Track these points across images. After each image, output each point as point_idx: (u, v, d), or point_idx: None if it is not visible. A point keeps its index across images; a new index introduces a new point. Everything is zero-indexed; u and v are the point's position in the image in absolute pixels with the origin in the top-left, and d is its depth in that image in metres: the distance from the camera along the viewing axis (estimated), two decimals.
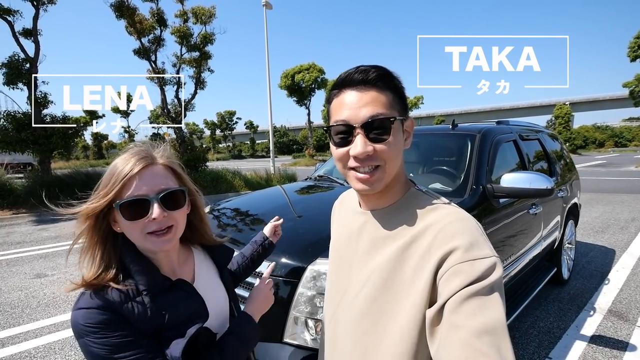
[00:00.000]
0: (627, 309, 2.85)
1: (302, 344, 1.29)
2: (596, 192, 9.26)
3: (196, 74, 11.89)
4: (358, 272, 0.65)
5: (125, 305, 0.63)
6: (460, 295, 0.48)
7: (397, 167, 0.62)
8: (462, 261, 0.50)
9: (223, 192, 10.45)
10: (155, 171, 0.67)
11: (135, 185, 0.64)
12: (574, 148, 36.08)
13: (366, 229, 0.67)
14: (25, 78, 8.62)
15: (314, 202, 2.34)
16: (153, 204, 0.64)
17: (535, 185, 1.88)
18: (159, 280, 0.68)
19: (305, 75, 27.34)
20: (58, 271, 4.06)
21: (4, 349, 2.47)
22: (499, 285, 0.50)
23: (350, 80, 0.61)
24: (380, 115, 0.58)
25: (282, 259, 1.43)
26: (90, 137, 42.65)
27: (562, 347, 2.32)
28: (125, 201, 0.63)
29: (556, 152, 3.58)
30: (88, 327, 0.60)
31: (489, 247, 0.53)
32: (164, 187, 0.67)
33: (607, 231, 5.26)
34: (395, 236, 0.61)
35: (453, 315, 0.47)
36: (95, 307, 0.61)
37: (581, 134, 41.64)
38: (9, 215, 7.39)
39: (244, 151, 57.20)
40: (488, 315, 0.46)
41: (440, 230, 0.56)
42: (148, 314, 0.65)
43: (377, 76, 0.60)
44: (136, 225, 0.64)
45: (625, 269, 3.73)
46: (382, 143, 0.58)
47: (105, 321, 0.61)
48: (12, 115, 8.60)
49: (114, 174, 0.65)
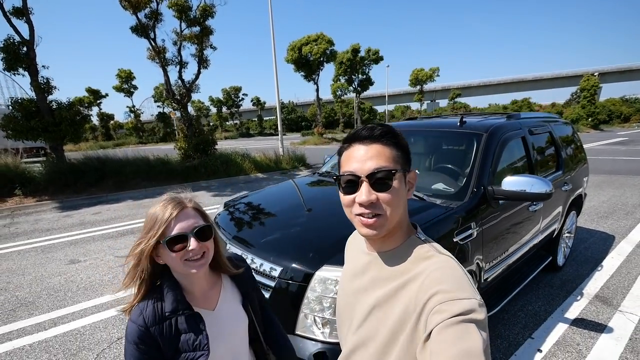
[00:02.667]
0: (613, 294, 3.10)
1: (311, 337, 1.52)
2: (610, 173, 9.22)
3: (198, 52, 11.71)
4: (361, 305, 0.76)
5: (155, 327, 0.87)
6: (440, 327, 0.54)
7: (399, 214, 0.70)
8: (443, 301, 0.57)
9: (234, 175, 10.86)
10: (187, 213, 0.89)
11: (175, 226, 0.86)
12: (597, 123, 34.73)
13: (370, 269, 0.77)
14: (25, 63, 8.71)
15: (322, 202, 2.46)
16: (190, 238, 0.86)
17: (535, 190, 1.99)
18: (182, 307, 0.89)
19: (314, 47, 26.38)
20: (89, 257, 4.52)
21: (56, 327, 2.90)
22: (479, 322, 0.54)
23: (358, 136, 0.72)
24: (383, 167, 0.67)
25: (293, 264, 1.63)
26: (97, 117, 43.22)
27: (545, 329, 2.62)
28: (169, 238, 0.85)
29: (567, 138, 3.57)
30: (129, 338, 0.87)
31: (473, 292, 0.59)
32: (196, 224, 0.89)
33: (611, 217, 5.40)
34: (393, 278, 0.70)
35: (432, 344, 0.54)
36: (136, 324, 0.87)
37: (607, 107, 39.79)
38: (33, 203, 7.88)
39: (252, 129, 57.12)
40: (466, 344, 0.51)
41: (427, 276, 0.63)
42: (169, 335, 0.88)
43: (381, 133, 0.70)
44: (178, 255, 0.86)
45: (621, 255, 3.93)
46: (385, 192, 0.67)
47: (140, 336, 0.86)
48: (19, 103, 8.79)
49: (157, 219, 0.86)
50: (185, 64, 11.64)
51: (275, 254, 1.75)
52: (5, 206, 7.57)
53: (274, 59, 13.26)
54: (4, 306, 3.30)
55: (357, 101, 35.13)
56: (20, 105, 8.78)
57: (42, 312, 3.17)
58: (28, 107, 8.82)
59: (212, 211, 6.68)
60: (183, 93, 11.63)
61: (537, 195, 2.01)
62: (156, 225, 0.85)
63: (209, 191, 9.09)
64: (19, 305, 3.31)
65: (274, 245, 1.84)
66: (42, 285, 3.74)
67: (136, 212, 6.96)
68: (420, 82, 39.00)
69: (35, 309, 3.22)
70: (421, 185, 2.45)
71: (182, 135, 11.67)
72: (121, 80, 39.99)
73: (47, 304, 3.32)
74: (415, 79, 39.09)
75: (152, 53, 11.15)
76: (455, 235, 1.90)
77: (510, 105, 44.65)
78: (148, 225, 0.87)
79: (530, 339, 2.52)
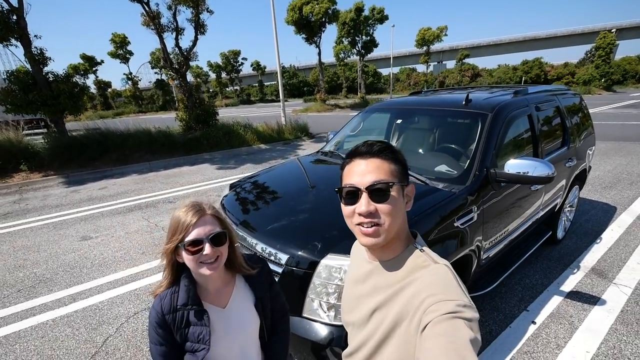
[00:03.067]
0: (609, 267, 3.17)
1: (317, 319, 1.60)
2: (618, 140, 9.01)
3: (194, 17, 11.21)
4: (362, 309, 0.83)
5: (169, 315, 1.00)
6: (432, 323, 0.61)
7: (397, 225, 0.75)
8: (435, 302, 0.64)
9: (236, 146, 10.79)
10: (205, 220, 0.98)
11: (193, 232, 0.95)
12: (610, 84, 33.46)
13: (371, 277, 0.83)
14: (17, 33, 8.38)
15: (327, 185, 2.46)
16: (205, 244, 0.95)
17: (537, 173, 2.01)
18: (192, 302, 1.00)
19: (315, 6, 24.96)
20: (100, 233, 4.63)
21: (75, 303, 3.05)
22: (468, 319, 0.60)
23: (358, 152, 0.79)
24: (382, 180, 0.73)
25: (299, 252, 1.70)
26: (94, 85, 42.23)
27: (540, 301, 2.72)
28: (187, 242, 0.95)
29: (573, 107, 3.49)
30: (150, 320, 1.02)
31: (462, 294, 0.65)
32: (212, 231, 0.97)
33: (615, 187, 5.36)
34: (392, 285, 0.77)
35: (425, 339, 0.61)
36: (155, 310, 1.01)
37: (622, 67, 38.12)
38: (39, 178, 7.94)
39: (253, 95, 55.77)
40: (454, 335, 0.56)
41: (422, 282, 0.70)
42: (180, 324, 1.01)
43: (380, 149, 0.77)
44: (194, 258, 0.96)
45: (621, 227, 3.95)
46: (383, 203, 0.73)
47: (157, 321, 1.00)
48: (15, 75, 8.58)
49: (179, 224, 0.96)
50: (181, 30, 11.17)
51: (282, 242, 1.81)
52: (13, 182, 7.67)
53: (274, 21, 12.62)
54: (24, 282, 3.46)
55: (360, 64, 33.85)
56: (17, 78, 8.58)
57: (60, 288, 3.32)
58: (24, 79, 8.61)
59: (218, 184, 6.82)
60: (181, 61, 11.27)
61: (539, 178, 2.02)
62: (178, 230, 0.96)
63: (212, 164, 9.09)
64: (37, 281, 3.47)
65: (280, 233, 1.89)
66: (58, 262, 3.88)
67: (142, 187, 7.03)
68: (427, 42, 37.30)
69: (54, 285, 3.38)
70: (424, 168, 2.45)
71: (182, 105, 11.47)
72: (116, 45, 38.43)
73: (65, 280, 3.47)
74: (422, 40, 37.37)
75: (146, 19, 10.68)
76: (456, 220, 1.93)
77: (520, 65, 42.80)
78: (172, 228, 0.97)
79: (526, 311, 2.63)
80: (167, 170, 8.55)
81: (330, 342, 1.54)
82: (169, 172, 8.34)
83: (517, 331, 2.42)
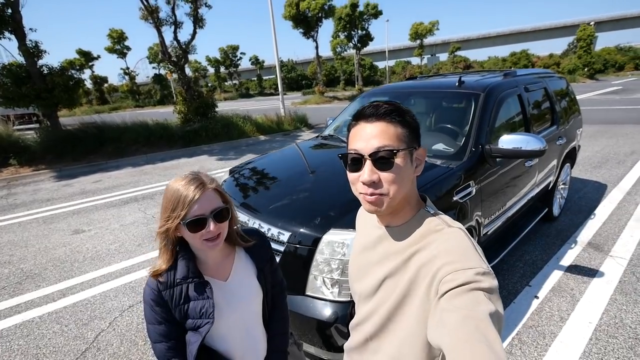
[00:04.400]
0: (604, 240, 3.11)
1: (321, 297, 1.51)
2: (604, 123, 8.96)
3: (193, 11, 10.85)
4: (372, 277, 0.75)
5: (167, 291, 0.90)
6: (449, 295, 0.55)
7: (403, 192, 0.68)
8: (451, 272, 0.57)
9: (235, 138, 10.46)
10: (208, 195, 0.86)
11: (196, 208, 0.84)
12: (593, 73, 33.29)
13: (381, 243, 0.76)
14: (11, 26, 7.92)
15: (327, 166, 2.39)
16: (209, 221, 0.85)
17: (530, 147, 1.99)
18: (192, 275, 0.90)
19: (311, 2, 24.55)
20: (94, 226, 4.30)
21: (65, 298, 2.77)
22: (487, 289, 0.54)
23: (364, 114, 0.69)
24: (386, 147, 0.64)
25: (301, 229, 1.60)
26: (90, 80, 40.82)
27: (542, 276, 2.63)
28: (190, 220, 0.84)
29: (561, 91, 3.51)
30: (145, 299, 0.91)
31: (479, 261, 0.59)
32: (215, 206, 0.87)
33: (604, 166, 5.32)
34: (402, 251, 0.69)
35: (441, 313, 0.55)
36: (150, 287, 0.90)
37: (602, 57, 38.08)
38: (30, 172, 7.46)
39: (252, 89, 54.82)
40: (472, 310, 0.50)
41: (437, 248, 0.63)
42: (179, 300, 0.90)
43: (386, 111, 0.67)
44: (197, 235, 0.85)
45: (612, 203, 3.91)
46: (387, 171, 0.65)
47: (153, 298, 0.90)
48: (7, 68, 8.09)
49: (179, 199, 0.83)
50: (180, 23, 10.81)
51: (283, 220, 1.71)
52: (0, 177, 7.14)
53: (272, 16, 12.21)
54: (9, 279, 3.15)
55: (357, 58, 33.27)
56: (9, 71, 8.08)
57: (49, 283, 3.03)
58: (17, 72, 8.13)
59: (218, 174, 6.56)
60: (179, 54, 10.91)
61: (532, 152, 2.01)
62: (179, 206, 0.84)
63: (211, 155, 8.76)
64: (24, 277, 3.16)
65: (281, 211, 1.80)
66: (47, 256, 3.56)
67: (138, 179, 6.67)
68: (420, 36, 36.87)
69: (42, 281, 3.08)
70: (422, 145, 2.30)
71: (180, 98, 11.11)
72: (113, 40, 37.17)
73: (54, 275, 3.17)
74: (415, 33, 36.95)
75: (144, 13, 10.30)
76: (455, 194, 1.88)
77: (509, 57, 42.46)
78: (171, 203, 0.85)
79: (528, 286, 2.53)
80: (164, 163, 8.17)
81: (335, 320, 1.44)
82: (167, 164, 7.96)
83: (521, 306, 2.33)
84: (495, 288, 0.55)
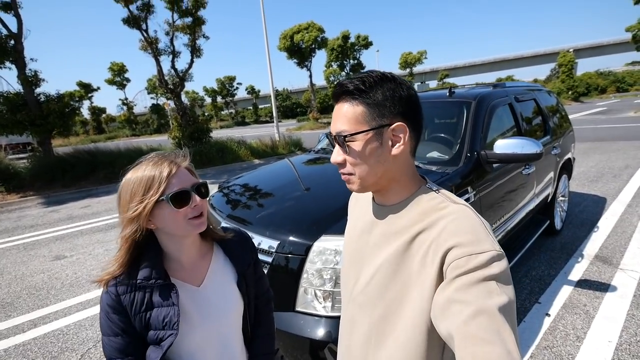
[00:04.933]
0: (612, 253, 2.98)
1: (312, 312, 1.37)
2: (594, 140, 9.12)
3: (191, 42, 11.26)
4: (369, 262, 0.69)
5: (126, 295, 0.76)
6: (459, 285, 0.51)
7: (372, 173, 0.64)
8: (459, 257, 0.53)
9: (229, 162, 10.42)
10: (184, 171, 0.78)
11: (176, 182, 0.74)
12: (577, 96, 34.64)
13: (378, 224, 0.69)
14: (12, 56, 8.13)
15: (318, 176, 2.36)
16: (193, 194, 0.76)
17: (526, 150, 1.91)
18: (156, 276, 0.76)
19: (305, 35, 25.81)
20: (76, 252, 4.10)
21: (36, 328, 2.57)
22: (498, 276, 0.51)
23: (334, 94, 0.66)
24: (342, 132, 0.62)
25: (290, 237, 1.48)
26: (88, 111, 41.23)
27: (551, 292, 2.48)
28: (174, 193, 0.73)
29: (551, 107, 3.56)
30: (102, 305, 0.77)
31: (491, 243, 0.54)
32: (195, 181, 0.78)
33: (600, 180, 5.30)
34: (403, 231, 0.63)
35: (451, 304, 0.51)
36: (109, 291, 0.76)
37: (584, 81, 39.89)
38: (17, 199, 7.31)
39: (248, 117, 55.87)
40: (483, 304, 0.47)
41: (443, 228, 0.58)
42: (140, 307, 0.76)
43: (345, 90, 0.62)
44: (181, 212, 0.74)
45: (614, 215, 3.83)
46: (347, 154, 0.63)
47: (110, 304, 0.76)
48: (4, 96, 8.19)
49: (153, 178, 0.73)
50: (178, 53, 11.19)
51: (272, 229, 1.60)
52: None
53: (267, 47, 12.67)
54: None
55: None
56: (6, 99, 8.18)
57: (20, 313, 2.81)
58: (14, 100, 8.21)
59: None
60: (176, 82, 11.15)
61: (529, 155, 1.93)
62: (154, 184, 0.72)
63: (205, 179, 8.69)
64: None
65: (269, 220, 1.69)
66: (22, 284, 3.36)
67: None
68: (410, 65, 38.40)
69: (14, 310, 2.86)
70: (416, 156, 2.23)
71: (176, 124, 11.20)
72: (113, 73, 38.16)
73: (27, 304, 2.96)
74: (405, 62, 38.50)
75: (144, 44, 10.70)
76: None
77: None
78: (141, 187, 0.72)
79: (537, 303, 2.37)
80: None
81: (329, 339, 1.28)
82: None
83: (533, 325, 2.16)
84: (506, 270, 0.52)
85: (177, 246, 0.80)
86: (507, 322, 0.47)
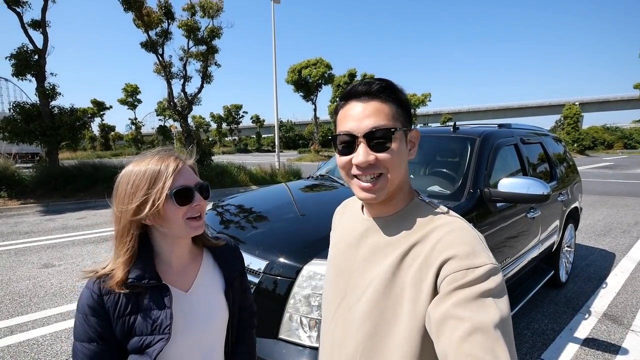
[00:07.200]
0: (622, 313, 2.87)
1: (296, 341, 1.31)
2: (601, 194, 9.16)
3: (203, 68, 11.92)
4: (358, 277, 0.66)
5: (109, 296, 0.70)
6: (454, 301, 0.50)
7: (400, 176, 0.63)
8: (456, 270, 0.52)
9: (228, 186, 10.52)
10: (188, 169, 0.78)
11: (181, 178, 0.74)
12: (582, 149, 35.48)
13: (368, 236, 0.68)
14: (34, 69, 8.68)
15: (315, 201, 2.37)
16: (195, 193, 0.76)
17: (532, 191, 1.88)
18: (149, 276, 0.72)
19: (312, 70, 27.18)
20: (65, 261, 4.12)
21: (12, 336, 2.53)
22: (494, 291, 0.50)
23: (354, 92, 0.64)
24: (382, 126, 0.60)
25: (280, 259, 1.45)
26: (98, 128, 42.82)
27: (555, 349, 2.35)
28: (178, 189, 0.72)
29: (558, 155, 3.54)
30: (80, 305, 0.71)
31: (486, 256, 0.54)
32: (198, 181, 0.78)
33: (609, 234, 5.24)
34: (396, 244, 0.62)
35: (446, 321, 0.49)
36: (90, 290, 0.71)
37: (590, 134, 40.95)
38: (17, 205, 7.49)
39: (250, 145, 57.21)
40: (478, 320, 0.47)
41: (438, 241, 0.57)
42: (124, 310, 0.71)
43: (379, 88, 0.62)
44: (182, 210, 0.73)
45: (624, 272, 3.73)
46: (385, 152, 0.60)
47: (90, 305, 0.70)
48: (20, 106, 8.67)
49: (158, 172, 0.72)
50: (189, 78, 11.81)
51: (262, 248, 1.58)
52: None
53: (275, 80, 13.29)
54: None
55: None
56: (22, 109, 8.63)
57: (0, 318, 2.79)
58: (30, 111, 8.67)
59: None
60: (185, 105, 11.58)
61: (535, 196, 1.88)
62: (160, 178, 0.71)
63: None
64: None
65: (260, 239, 1.68)
66: (6, 289, 3.35)
67: None
68: (414, 106, 39.84)
69: None
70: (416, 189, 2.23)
71: (179, 145, 11.49)
72: (127, 94, 39.93)
73: (8, 309, 2.94)
74: None
75: (158, 67, 11.31)
76: None
77: None
78: (145, 181, 0.71)
79: None
80: None
81: None
82: None
83: None
84: (502, 283, 0.52)
85: (169, 247, 0.78)
86: (503, 337, 0.47)
